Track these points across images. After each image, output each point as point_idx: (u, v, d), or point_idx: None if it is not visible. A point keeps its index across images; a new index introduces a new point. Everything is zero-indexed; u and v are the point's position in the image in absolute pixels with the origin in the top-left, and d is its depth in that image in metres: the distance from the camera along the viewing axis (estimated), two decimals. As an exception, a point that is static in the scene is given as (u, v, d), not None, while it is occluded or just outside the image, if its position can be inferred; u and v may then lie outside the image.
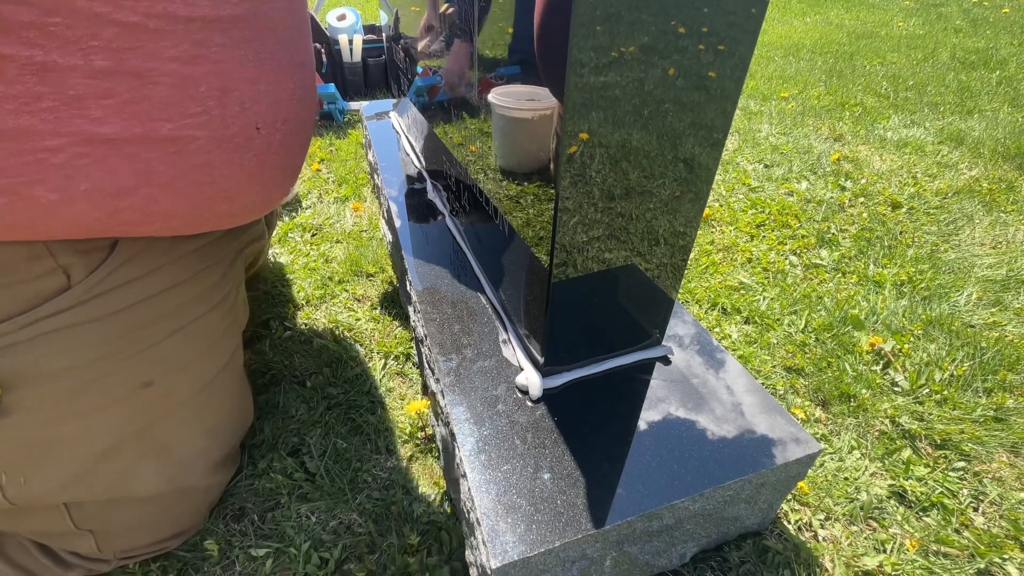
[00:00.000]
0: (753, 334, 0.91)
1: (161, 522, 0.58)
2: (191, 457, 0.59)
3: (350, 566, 0.60)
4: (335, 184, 1.43)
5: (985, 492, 0.67)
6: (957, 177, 1.46)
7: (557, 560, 0.46)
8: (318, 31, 1.95)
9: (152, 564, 0.60)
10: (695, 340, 0.66)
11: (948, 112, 1.92)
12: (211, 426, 0.61)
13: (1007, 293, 1.01)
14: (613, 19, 0.37)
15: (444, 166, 0.86)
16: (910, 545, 0.61)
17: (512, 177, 0.55)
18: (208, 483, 0.62)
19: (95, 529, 0.55)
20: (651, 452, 0.52)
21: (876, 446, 0.72)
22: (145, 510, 0.56)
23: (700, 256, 1.14)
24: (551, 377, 0.58)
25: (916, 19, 3.49)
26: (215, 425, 0.62)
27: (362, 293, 1.02)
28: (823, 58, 2.64)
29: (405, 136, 1.20)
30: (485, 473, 0.50)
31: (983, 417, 0.76)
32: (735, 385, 0.60)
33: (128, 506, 0.55)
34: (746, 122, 1.87)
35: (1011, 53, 2.62)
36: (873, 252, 1.14)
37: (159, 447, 0.55)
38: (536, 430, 0.54)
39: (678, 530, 0.53)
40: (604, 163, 0.44)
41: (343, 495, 0.66)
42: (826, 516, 0.64)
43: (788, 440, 0.54)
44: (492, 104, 0.55)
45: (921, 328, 0.92)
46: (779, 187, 1.42)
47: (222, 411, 0.63)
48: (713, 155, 0.48)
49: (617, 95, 0.40)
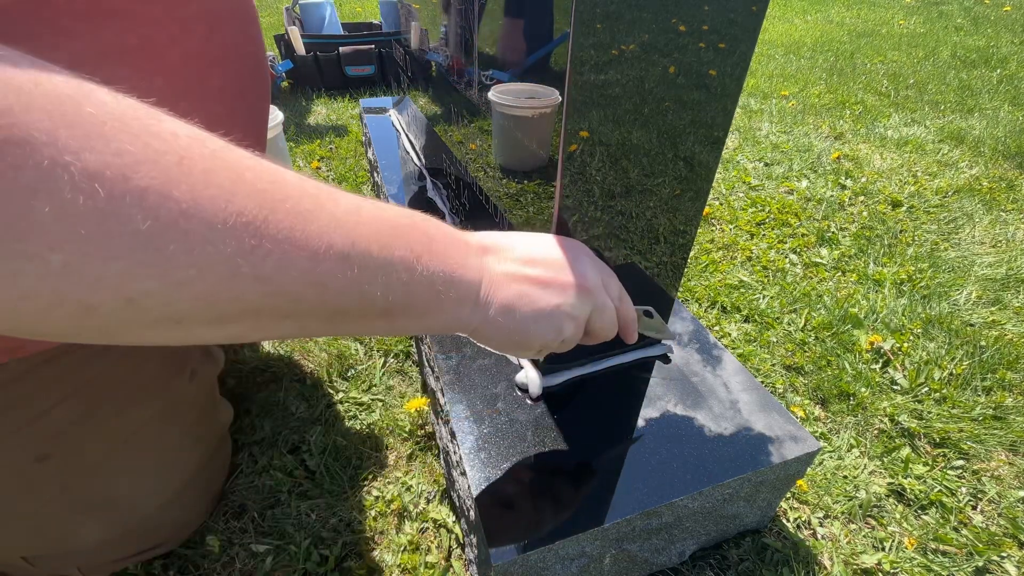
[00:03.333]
0: (753, 332, 0.91)
1: (130, 544, 0.56)
2: (139, 499, 0.55)
3: (350, 563, 0.60)
4: (335, 182, 1.42)
5: (984, 490, 0.67)
6: (957, 176, 1.46)
7: (556, 557, 0.46)
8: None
9: (154, 561, 0.60)
10: (694, 338, 0.66)
11: (949, 110, 1.92)
12: (157, 461, 0.56)
13: (1007, 292, 1.01)
14: (614, 17, 0.37)
15: (444, 164, 0.86)
16: (909, 543, 0.61)
17: (512, 175, 0.55)
18: (168, 506, 0.57)
19: (62, 569, 0.53)
20: (650, 450, 0.52)
21: (875, 444, 0.72)
22: (108, 546, 0.54)
23: (700, 254, 1.14)
24: (551, 375, 0.59)
25: (917, 17, 3.48)
26: (161, 459, 0.56)
27: (362, 291, 1.02)
28: (824, 56, 2.63)
29: (405, 134, 1.20)
30: (485, 471, 0.50)
31: (982, 416, 0.76)
32: (734, 383, 0.60)
33: (85, 550, 0.53)
34: (746, 120, 1.87)
35: (1012, 51, 2.62)
36: (873, 251, 1.14)
37: (94, 503, 0.51)
38: (536, 428, 0.54)
39: (677, 528, 0.53)
40: (604, 161, 0.44)
41: (343, 492, 0.66)
42: (825, 514, 0.64)
43: (787, 438, 0.54)
44: (492, 102, 0.55)
45: (920, 327, 0.92)
46: (779, 185, 1.42)
47: (168, 441, 0.56)
48: (713, 153, 0.48)
49: (617, 93, 0.40)
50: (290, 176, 0.24)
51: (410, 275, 0.28)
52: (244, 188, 0.21)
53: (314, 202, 0.24)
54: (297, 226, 0.22)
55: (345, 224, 0.25)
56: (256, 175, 0.22)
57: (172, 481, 0.57)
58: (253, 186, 0.21)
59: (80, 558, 0.54)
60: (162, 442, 0.56)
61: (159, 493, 0.56)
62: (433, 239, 0.30)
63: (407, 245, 0.28)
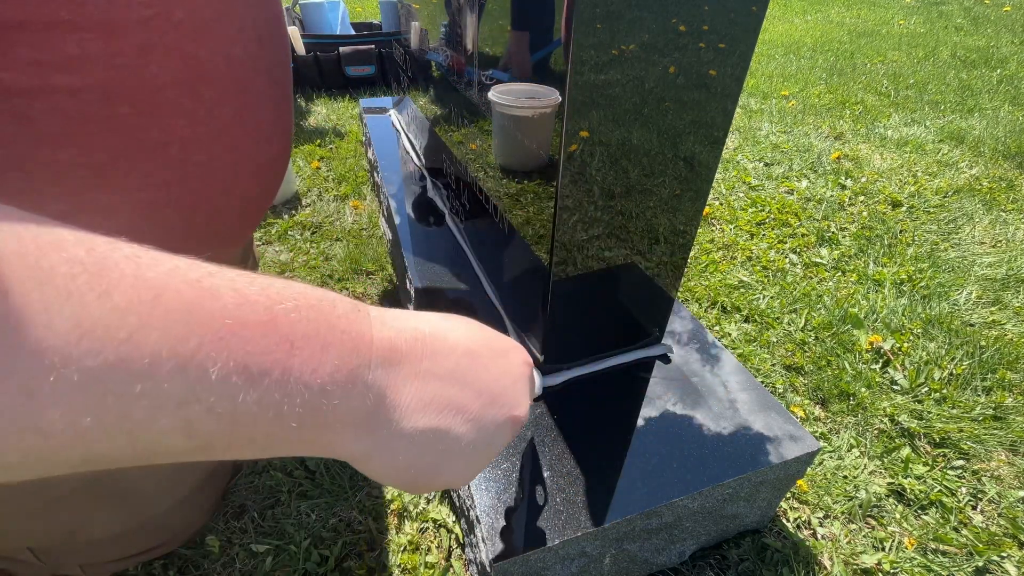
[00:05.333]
0: (753, 332, 0.91)
1: (136, 542, 0.57)
2: (154, 495, 0.55)
3: (350, 563, 0.60)
4: (335, 182, 1.42)
5: (984, 490, 0.67)
6: (957, 176, 1.46)
7: (556, 558, 0.46)
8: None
9: (154, 561, 0.60)
10: (694, 338, 0.66)
11: (949, 110, 1.92)
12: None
13: (1007, 292, 1.01)
14: (614, 17, 0.37)
15: (444, 164, 0.86)
16: (909, 543, 0.61)
17: (512, 175, 0.55)
18: (179, 505, 0.58)
19: (66, 561, 0.54)
20: (651, 450, 0.52)
21: (875, 444, 0.72)
22: (115, 541, 0.55)
23: (700, 254, 1.14)
24: (551, 375, 0.59)
25: (917, 17, 3.48)
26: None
27: (362, 291, 1.02)
28: (824, 56, 2.63)
29: (405, 134, 1.20)
30: (485, 471, 0.50)
31: (982, 416, 0.76)
32: (734, 383, 0.60)
33: (94, 542, 0.53)
34: (746, 120, 1.87)
35: (1012, 51, 2.62)
36: (873, 251, 1.14)
37: (113, 493, 0.51)
38: (536, 428, 0.54)
39: (677, 528, 0.53)
40: (604, 161, 0.44)
41: (343, 492, 0.66)
42: (825, 514, 0.64)
43: (787, 438, 0.54)
44: (492, 102, 0.55)
45: (920, 327, 0.92)
46: (779, 185, 1.42)
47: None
48: (713, 153, 0.48)
49: (618, 93, 0.40)
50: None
51: (240, 397, 0.18)
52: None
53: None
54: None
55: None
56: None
57: (188, 480, 0.58)
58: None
59: (85, 553, 0.54)
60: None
61: (174, 491, 0.57)
62: (296, 346, 0.20)
63: (240, 353, 0.18)
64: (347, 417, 0.22)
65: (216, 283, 0.19)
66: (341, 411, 0.22)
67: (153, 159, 0.35)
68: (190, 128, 0.36)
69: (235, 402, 0.18)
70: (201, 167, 0.38)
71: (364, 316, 0.24)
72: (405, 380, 0.25)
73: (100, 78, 0.31)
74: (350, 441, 0.23)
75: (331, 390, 0.21)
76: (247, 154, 0.42)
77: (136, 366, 0.16)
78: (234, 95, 0.39)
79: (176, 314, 0.17)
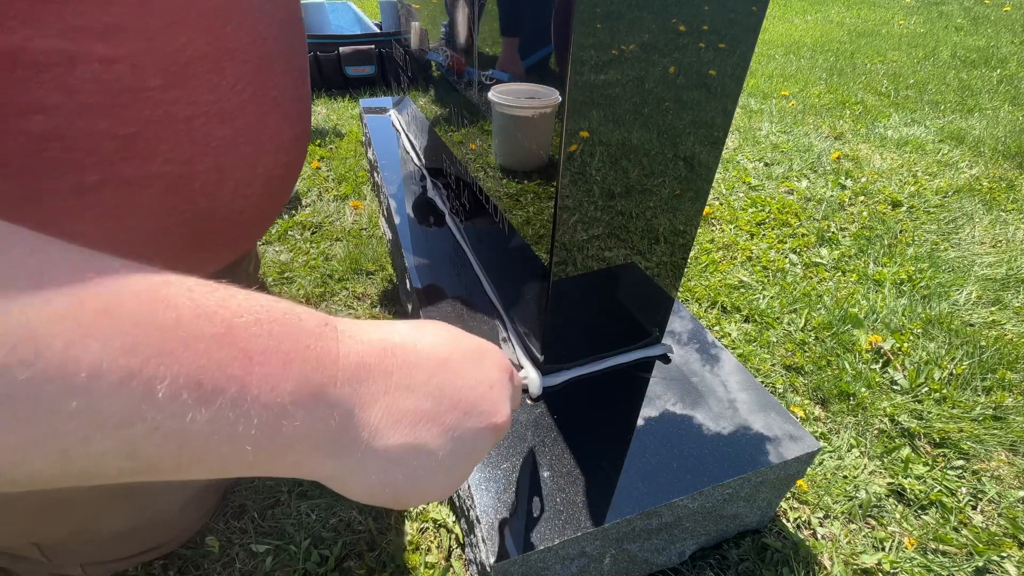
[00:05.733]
0: (753, 332, 0.91)
1: (140, 540, 0.57)
2: (163, 493, 0.55)
3: (350, 563, 0.60)
4: (335, 182, 1.42)
5: (984, 490, 0.67)
6: (957, 176, 1.46)
7: (556, 558, 0.46)
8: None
9: (154, 561, 0.60)
10: (694, 338, 0.66)
11: (949, 110, 1.92)
12: None
13: (1007, 292, 1.01)
14: (614, 17, 0.37)
15: (444, 164, 0.86)
16: (908, 543, 0.61)
17: (512, 175, 0.55)
18: (189, 503, 0.58)
19: (70, 559, 0.54)
20: (650, 450, 0.52)
21: (875, 444, 0.72)
22: (120, 539, 0.55)
23: (700, 254, 1.14)
24: (551, 375, 0.59)
25: (917, 17, 3.48)
26: None
27: (362, 291, 1.02)
28: (824, 56, 2.63)
29: (405, 134, 1.20)
30: (485, 471, 0.50)
31: (982, 416, 0.76)
32: (734, 384, 0.60)
33: (100, 538, 0.54)
34: (746, 120, 1.87)
35: (1012, 51, 2.62)
36: (873, 251, 1.14)
37: (124, 489, 0.51)
38: (536, 428, 0.54)
39: (677, 528, 0.53)
40: (604, 161, 0.44)
41: (343, 493, 0.66)
42: (825, 514, 0.64)
43: (787, 438, 0.54)
44: (492, 102, 0.55)
45: (920, 327, 0.92)
46: (779, 185, 1.42)
47: None
48: (713, 153, 0.48)
49: (617, 93, 0.40)
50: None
51: (190, 416, 0.17)
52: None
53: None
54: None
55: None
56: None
57: (199, 480, 0.58)
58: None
59: (90, 552, 0.54)
60: None
61: (184, 490, 0.57)
62: (255, 361, 0.19)
63: (192, 368, 0.17)
64: (311, 437, 0.21)
65: (171, 292, 0.18)
66: (304, 431, 0.20)
67: (179, 133, 0.35)
68: (215, 103, 0.37)
69: (183, 422, 0.17)
70: (225, 142, 0.38)
71: (331, 331, 0.23)
72: (375, 397, 0.23)
73: (132, 49, 0.31)
74: (316, 462, 0.22)
75: (291, 410, 0.20)
76: (269, 132, 0.43)
77: (73, 381, 0.15)
78: (257, 73, 0.40)
79: (122, 324, 0.16)
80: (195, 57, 0.34)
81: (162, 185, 0.36)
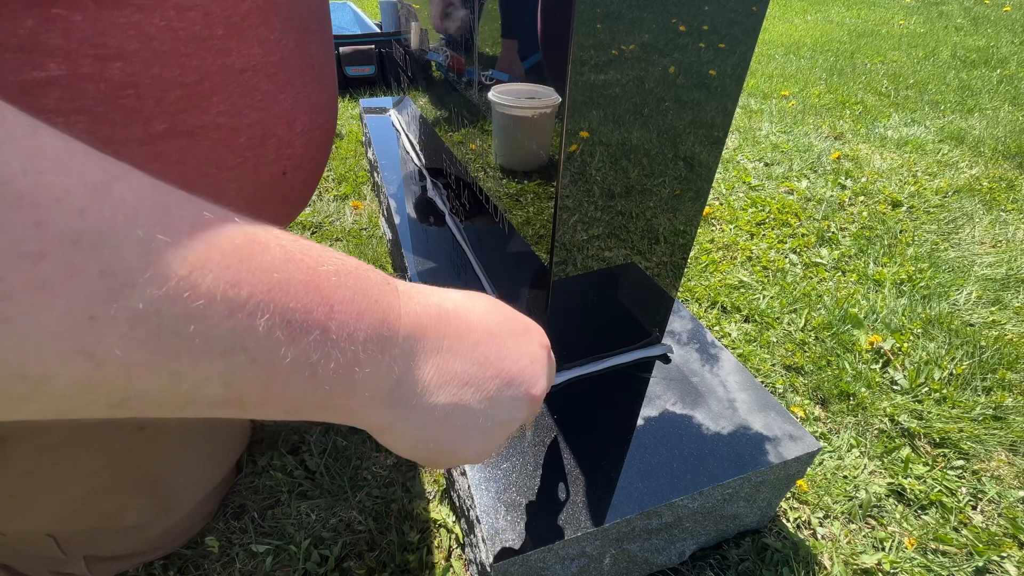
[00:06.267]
0: (753, 332, 0.91)
1: (148, 539, 0.58)
2: (185, 487, 0.57)
3: (350, 563, 0.60)
4: (335, 182, 1.42)
5: (984, 490, 0.67)
6: (957, 176, 1.46)
7: (556, 558, 0.46)
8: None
9: (155, 561, 0.60)
10: (694, 338, 0.66)
11: (949, 110, 1.92)
12: (211, 452, 0.59)
13: (1007, 292, 1.01)
14: (614, 17, 0.37)
15: (444, 164, 0.86)
16: (908, 543, 0.61)
17: (512, 175, 0.55)
18: (198, 503, 0.60)
19: (84, 554, 0.54)
20: (650, 450, 0.52)
21: (875, 444, 0.72)
22: (134, 534, 0.56)
23: (700, 254, 1.14)
24: (551, 375, 0.59)
25: (917, 17, 3.48)
26: (215, 451, 0.60)
27: (362, 291, 1.02)
28: (824, 56, 2.63)
29: (405, 134, 1.20)
30: (485, 471, 0.50)
31: (982, 416, 0.76)
32: (734, 383, 0.60)
33: (117, 532, 0.55)
34: (746, 120, 1.87)
35: (1012, 51, 2.62)
36: (873, 251, 1.14)
37: (152, 480, 0.53)
38: (536, 428, 0.54)
39: (677, 528, 0.53)
40: (604, 161, 0.44)
41: (343, 493, 0.66)
42: (825, 514, 0.64)
43: (787, 438, 0.54)
44: (492, 102, 0.55)
45: (920, 327, 0.92)
46: (779, 185, 1.42)
47: (224, 433, 0.60)
48: (713, 153, 0.48)
49: (618, 93, 0.40)
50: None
51: (281, 351, 0.18)
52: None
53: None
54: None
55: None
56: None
57: (215, 476, 0.60)
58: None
59: (100, 545, 0.54)
60: (218, 432, 0.59)
61: (204, 485, 0.58)
62: (335, 309, 0.20)
63: (285, 309, 0.18)
64: (374, 386, 0.23)
65: (267, 237, 0.19)
66: (369, 380, 0.22)
67: (230, 84, 0.36)
68: (262, 56, 0.37)
69: (276, 356, 0.18)
70: (268, 97, 0.39)
71: (393, 289, 0.24)
72: (428, 355, 0.25)
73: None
74: (373, 411, 0.24)
75: (363, 358, 0.21)
76: (307, 91, 0.43)
77: (193, 305, 0.16)
78: (295, 31, 0.40)
79: (230, 260, 0.17)
80: (252, 9, 0.35)
81: (216, 137, 0.37)
